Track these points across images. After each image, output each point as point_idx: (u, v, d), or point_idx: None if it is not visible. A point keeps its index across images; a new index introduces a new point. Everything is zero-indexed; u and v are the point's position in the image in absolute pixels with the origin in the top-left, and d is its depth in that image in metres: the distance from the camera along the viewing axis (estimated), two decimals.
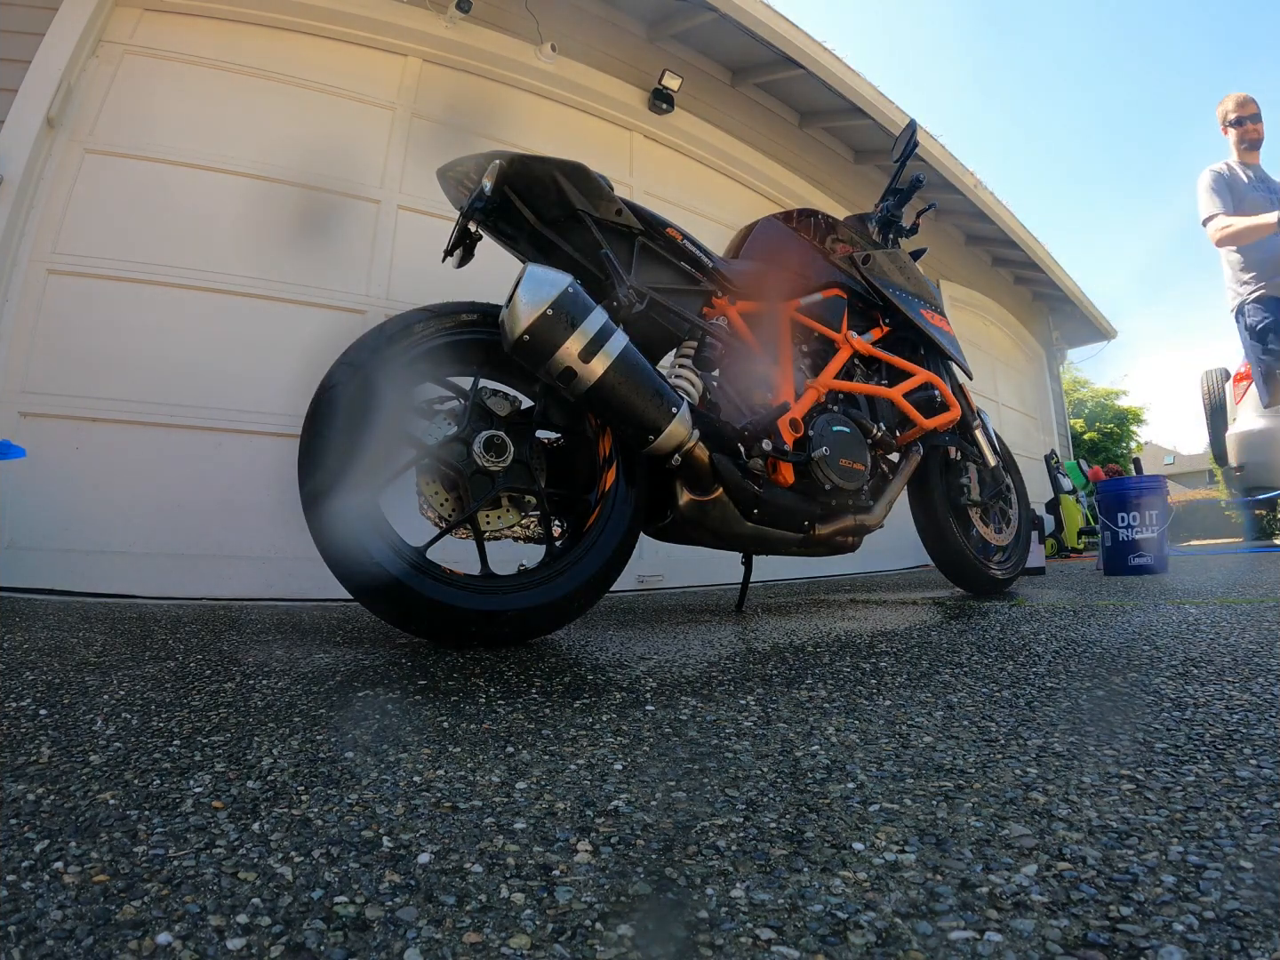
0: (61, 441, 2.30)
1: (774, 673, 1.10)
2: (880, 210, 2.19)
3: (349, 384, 1.30)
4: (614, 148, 3.76)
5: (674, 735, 0.78)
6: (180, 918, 0.41)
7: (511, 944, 0.40)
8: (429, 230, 2.70)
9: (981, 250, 6.60)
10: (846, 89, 4.12)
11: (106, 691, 0.94)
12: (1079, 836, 0.50)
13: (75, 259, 2.42)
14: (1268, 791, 0.57)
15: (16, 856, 0.48)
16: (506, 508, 1.45)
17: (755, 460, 1.60)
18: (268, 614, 1.92)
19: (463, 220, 1.48)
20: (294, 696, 0.93)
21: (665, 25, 3.73)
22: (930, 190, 4.95)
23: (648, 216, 1.60)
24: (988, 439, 2.40)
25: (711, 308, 1.75)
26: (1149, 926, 0.39)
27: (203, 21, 2.72)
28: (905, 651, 1.26)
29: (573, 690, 1.00)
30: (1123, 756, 0.66)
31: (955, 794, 0.59)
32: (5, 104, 2.36)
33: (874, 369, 2.09)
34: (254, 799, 0.60)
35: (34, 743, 0.73)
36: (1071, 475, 6.55)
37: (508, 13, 3.32)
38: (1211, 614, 1.56)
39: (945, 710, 0.85)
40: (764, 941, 0.40)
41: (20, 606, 1.84)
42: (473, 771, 0.67)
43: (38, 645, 1.26)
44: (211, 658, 1.19)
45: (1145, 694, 0.89)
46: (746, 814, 0.57)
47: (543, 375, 1.34)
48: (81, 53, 2.51)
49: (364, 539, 1.22)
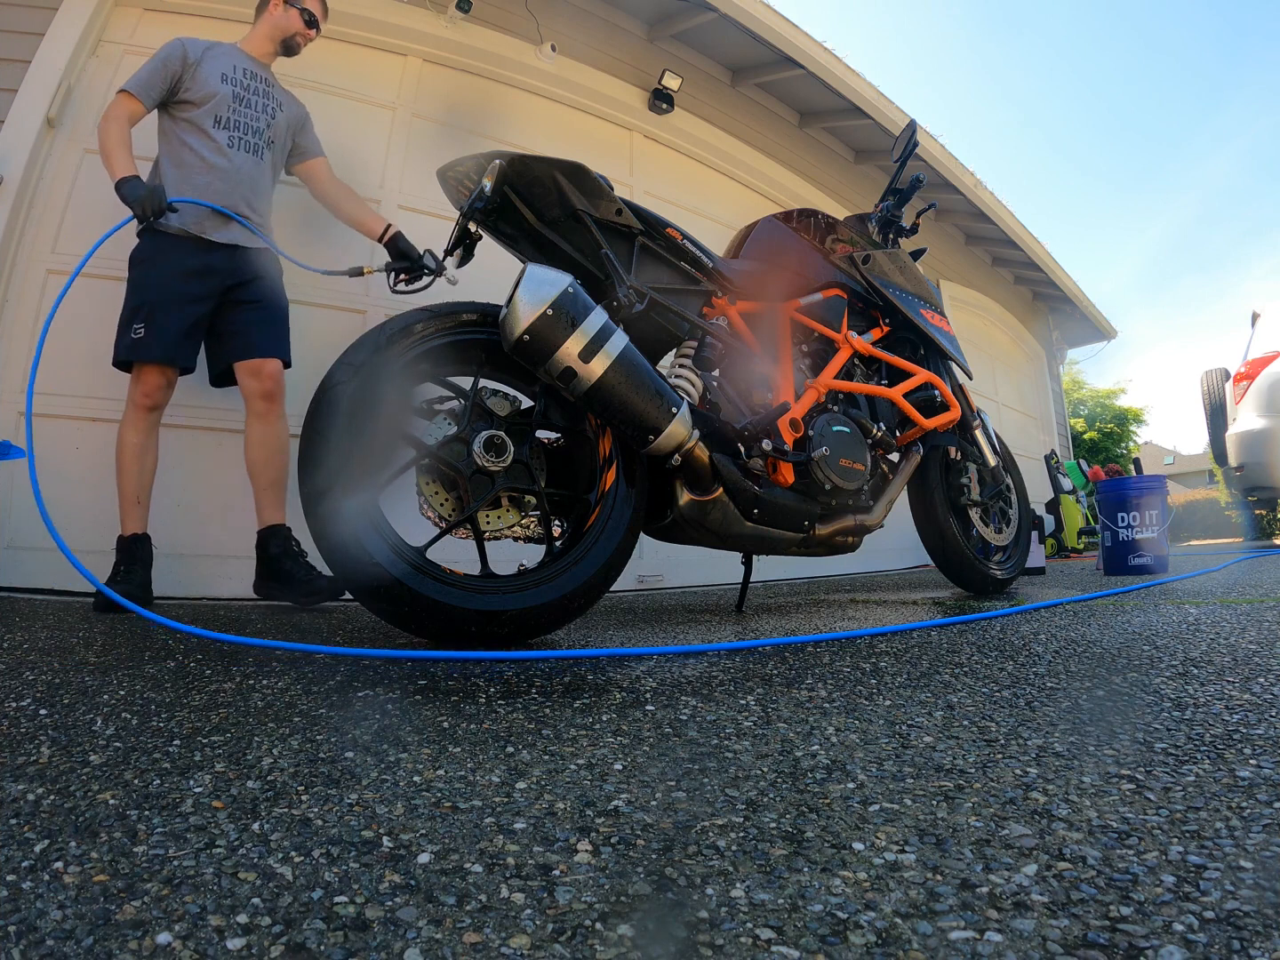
0: (61, 441, 2.30)
1: (774, 673, 1.10)
2: (880, 210, 2.19)
3: (349, 384, 1.30)
4: (614, 148, 3.76)
5: (674, 735, 0.78)
6: (180, 918, 0.41)
7: (511, 944, 0.40)
8: (429, 230, 2.69)
9: (981, 250, 6.60)
10: (846, 89, 4.12)
11: (106, 691, 0.94)
12: (1079, 836, 0.50)
13: (75, 259, 2.40)
14: (1268, 791, 0.57)
15: (16, 856, 0.49)
16: (506, 508, 1.45)
17: (755, 460, 1.60)
18: (268, 614, 1.92)
19: (463, 220, 1.48)
20: (294, 696, 0.93)
21: (665, 25, 3.74)
22: (930, 190, 4.96)
23: (647, 216, 1.60)
24: (988, 439, 2.40)
25: (711, 308, 1.75)
26: (1149, 926, 0.39)
27: (203, 21, 2.72)
28: (905, 651, 1.26)
29: (573, 690, 1.00)
30: (1123, 756, 0.66)
31: (955, 794, 0.59)
32: (5, 104, 2.36)
33: (874, 369, 2.09)
34: (254, 799, 0.60)
35: (34, 743, 0.73)
36: (1071, 475, 6.55)
37: (508, 13, 3.32)
38: (1211, 614, 1.56)
39: (945, 710, 0.85)
40: (764, 941, 0.40)
41: (20, 606, 1.84)
42: (473, 771, 0.67)
43: (38, 645, 1.26)
44: (211, 658, 1.19)
45: (1145, 694, 0.89)
46: (746, 814, 0.57)
47: (543, 375, 1.34)
48: (81, 53, 2.50)
49: (364, 539, 1.22)
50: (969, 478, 2.35)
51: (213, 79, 2.02)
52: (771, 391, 1.75)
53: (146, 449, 2.00)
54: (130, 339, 1.95)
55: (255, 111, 2.10)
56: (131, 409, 1.99)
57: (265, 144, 2.13)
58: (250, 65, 2.14)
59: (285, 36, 2.18)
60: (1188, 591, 2.20)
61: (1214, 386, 6.35)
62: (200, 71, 2.01)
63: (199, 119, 2.01)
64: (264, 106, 2.13)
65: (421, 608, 1.23)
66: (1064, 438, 8.32)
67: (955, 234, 6.24)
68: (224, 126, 2.04)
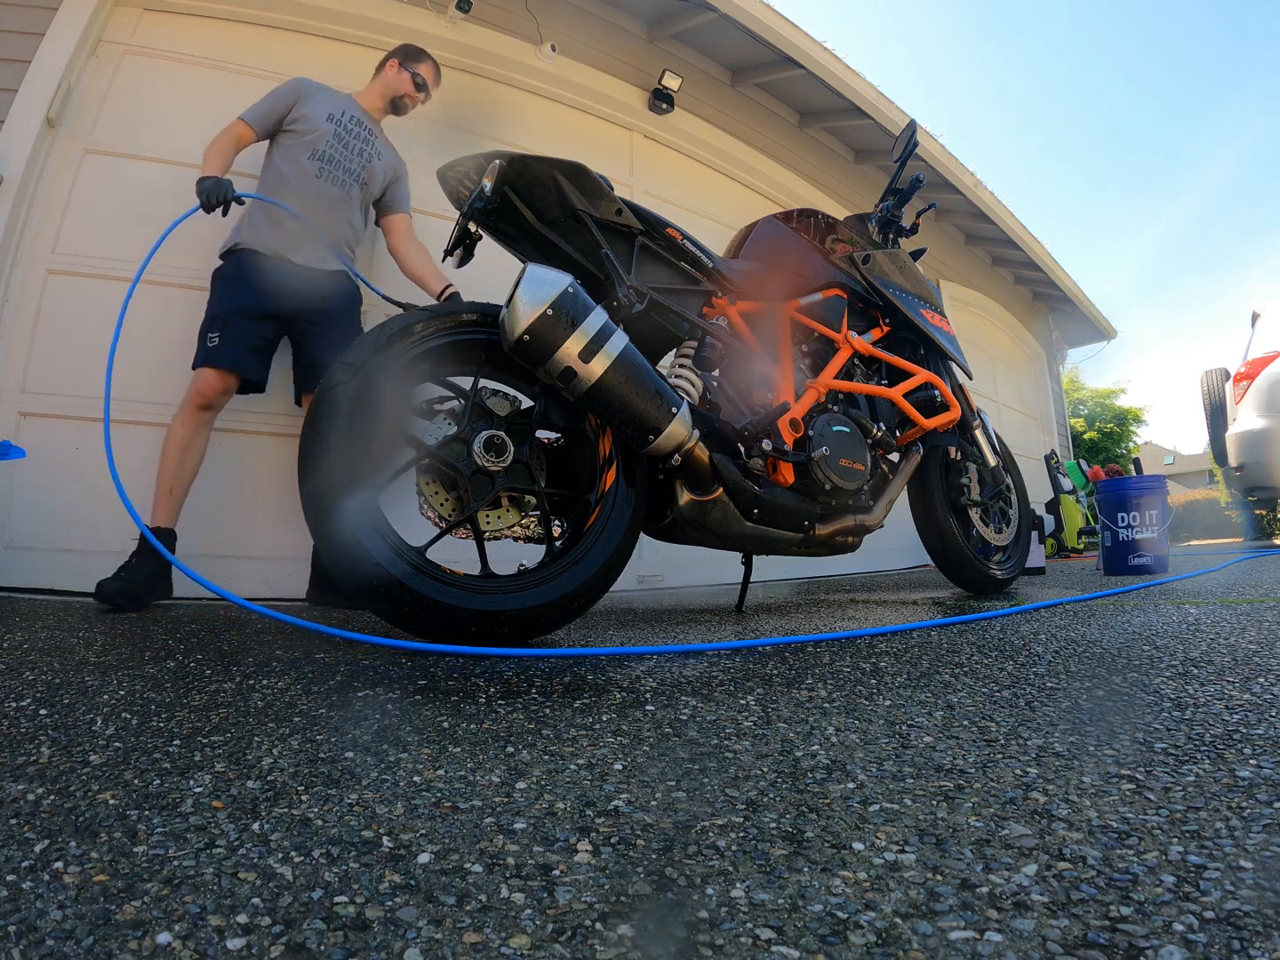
0: (61, 441, 2.30)
1: (774, 673, 1.10)
2: (880, 210, 2.19)
3: (349, 384, 1.30)
4: (614, 148, 3.76)
5: (674, 735, 0.78)
6: (180, 918, 0.41)
7: (511, 944, 0.40)
8: (429, 230, 2.69)
9: (981, 250, 6.60)
10: (846, 89, 4.12)
11: (106, 691, 0.94)
12: (1079, 836, 0.50)
13: (75, 259, 2.42)
14: (1268, 791, 0.57)
15: (16, 856, 0.49)
16: (506, 508, 1.45)
17: (755, 460, 1.60)
18: None
19: (463, 220, 1.48)
20: (294, 696, 0.93)
21: (665, 25, 3.73)
22: (930, 190, 4.96)
23: (647, 216, 1.60)
24: (988, 439, 2.40)
25: (711, 308, 1.75)
26: (1149, 926, 0.39)
27: (203, 21, 2.72)
28: (905, 651, 1.26)
29: (573, 690, 1.00)
30: (1123, 756, 0.66)
31: (955, 794, 0.59)
32: (5, 104, 2.36)
33: (874, 369, 2.09)
34: (254, 799, 0.60)
35: (34, 743, 0.73)
36: (1071, 475, 6.56)
37: (508, 13, 3.32)
38: (1211, 614, 1.56)
39: (945, 710, 0.85)
40: (764, 941, 0.40)
41: (20, 606, 1.84)
42: (473, 771, 0.67)
43: (38, 645, 1.26)
44: (211, 658, 1.19)
45: (1145, 694, 0.89)
46: (746, 814, 0.57)
47: (543, 375, 1.34)
48: (81, 53, 2.50)
49: (364, 539, 1.22)
50: (969, 478, 2.35)
51: (319, 116, 2.23)
52: (771, 391, 1.75)
53: (191, 446, 2.07)
54: (206, 346, 2.09)
55: (352, 153, 2.29)
56: (185, 405, 2.08)
57: (356, 182, 2.30)
58: (358, 114, 2.34)
59: (395, 96, 2.40)
60: (1188, 591, 2.20)
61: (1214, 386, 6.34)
62: (309, 108, 2.23)
63: (297, 148, 2.21)
64: (361, 150, 2.31)
65: (421, 608, 1.23)
66: (1064, 438, 8.32)
67: (955, 234, 6.24)
68: (318, 158, 2.22)
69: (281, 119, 2.22)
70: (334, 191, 2.24)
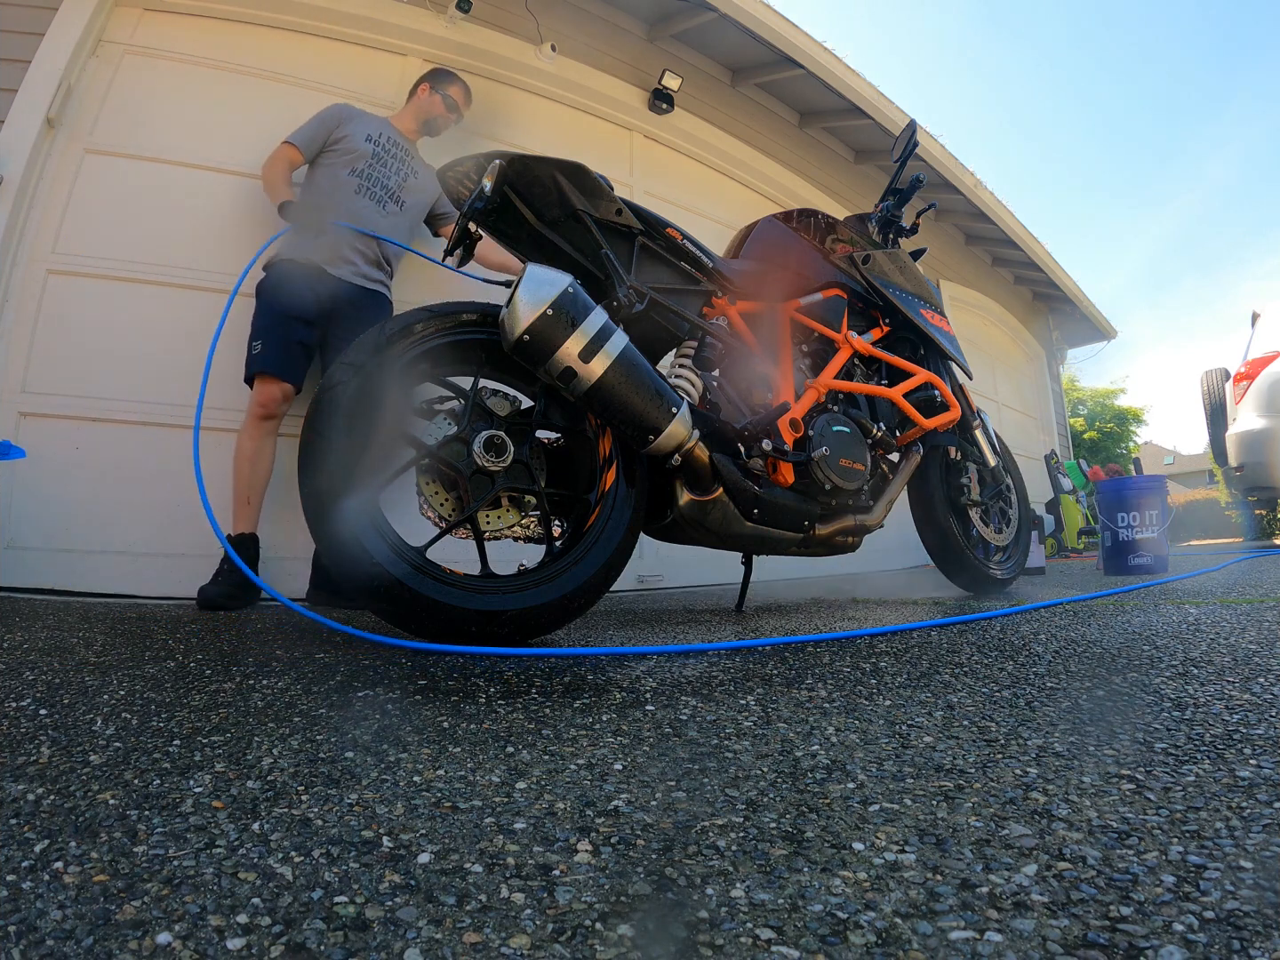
0: (61, 441, 2.30)
1: (774, 673, 1.10)
2: (880, 210, 2.19)
3: (349, 384, 1.30)
4: (614, 148, 3.76)
5: (674, 735, 0.78)
6: (180, 918, 0.41)
7: (511, 944, 0.40)
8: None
9: (981, 250, 6.60)
10: (846, 89, 4.12)
11: (106, 691, 0.94)
12: (1079, 836, 0.50)
13: (75, 259, 2.42)
14: (1268, 791, 0.57)
15: (16, 856, 0.48)
16: (506, 508, 1.45)
17: (755, 460, 1.60)
18: (267, 614, 1.92)
19: (463, 220, 1.48)
20: (294, 696, 0.93)
21: (665, 25, 3.73)
22: (930, 190, 4.96)
23: (647, 216, 1.60)
24: (988, 439, 2.40)
25: (711, 308, 1.75)
26: (1149, 926, 0.39)
27: (203, 21, 2.72)
28: (905, 651, 1.26)
29: (573, 690, 1.00)
30: (1123, 756, 0.66)
31: (955, 794, 0.59)
32: (5, 104, 2.36)
33: (874, 369, 2.09)
34: (254, 799, 0.60)
35: (34, 743, 0.73)
36: (1071, 475, 6.55)
37: (508, 13, 3.32)
38: (1211, 614, 1.56)
39: (945, 710, 0.85)
40: (764, 941, 0.40)
41: (20, 606, 1.84)
42: (473, 771, 0.67)
43: (38, 645, 1.26)
44: (211, 658, 1.19)
45: (1145, 694, 0.89)
46: (746, 814, 0.57)
47: (543, 375, 1.34)
48: (81, 53, 2.50)
49: (364, 539, 1.22)
50: (969, 478, 2.35)
51: (358, 137, 2.38)
52: (771, 391, 1.75)
53: (259, 454, 2.20)
54: (251, 354, 2.22)
55: (389, 172, 2.42)
56: (248, 418, 2.23)
57: (393, 200, 2.42)
58: (395, 135, 2.49)
59: (428, 118, 2.57)
60: (1188, 591, 2.20)
61: (1214, 386, 6.34)
62: (350, 129, 2.39)
63: (337, 166, 2.36)
64: (398, 169, 2.45)
65: (421, 608, 1.23)
66: (1064, 437, 8.32)
67: (955, 234, 6.24)
68: (356, 175, 2.36)
69: (325, 141, 2.37)
70: (371, 208, 2.36)
